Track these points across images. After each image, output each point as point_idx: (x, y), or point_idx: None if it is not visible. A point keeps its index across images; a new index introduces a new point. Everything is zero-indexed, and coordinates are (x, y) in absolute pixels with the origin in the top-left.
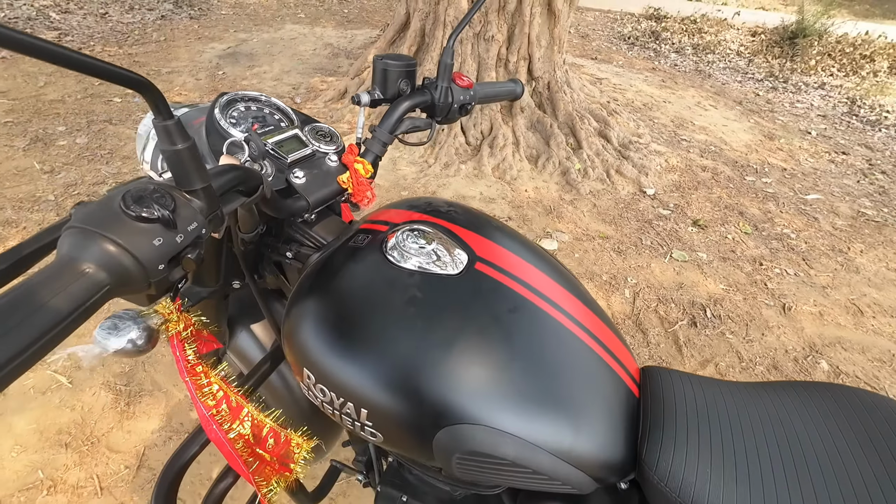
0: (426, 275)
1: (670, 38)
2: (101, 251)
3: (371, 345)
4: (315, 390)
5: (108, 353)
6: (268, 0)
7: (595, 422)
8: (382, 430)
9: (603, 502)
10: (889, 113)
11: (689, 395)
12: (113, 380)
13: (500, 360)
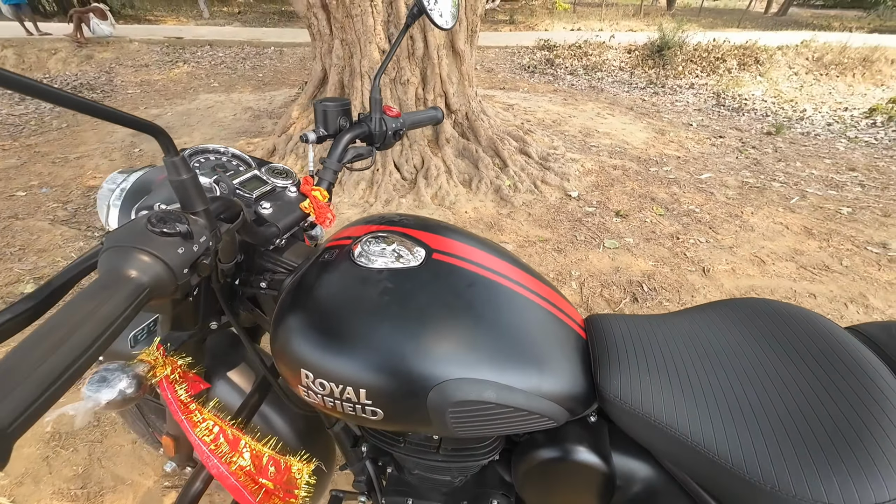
0: (393, 270)
1: (563, 63)
2: (138, 261)
3: (357, 334)
4: (315, 387)
5: (101, 405)
6: (177, 74)
7: (554, 361)
8: (381, 405)
9: (578, 434)
10: (746, 100)
11: (627, 330)
12: (64, 485)
13: (468, 325)
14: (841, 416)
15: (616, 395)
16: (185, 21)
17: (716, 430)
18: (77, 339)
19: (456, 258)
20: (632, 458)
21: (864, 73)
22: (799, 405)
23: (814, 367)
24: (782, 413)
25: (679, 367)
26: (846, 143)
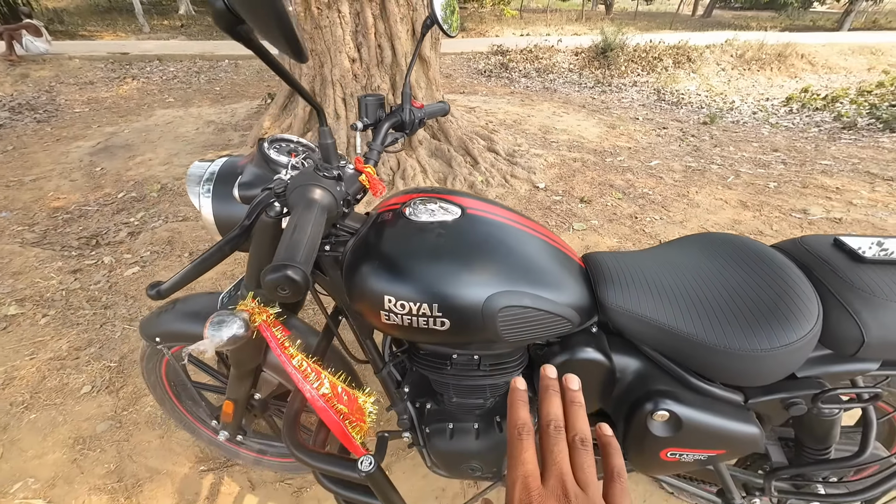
0: (440, 221)
1: (517, 67)
2: (321, 191)
3: (426, 265)
4: (396, 308)
5: (223, 340)
6: (126, 91)
7: (566, 281)
8: (448, 315)
9: (586, 340)
10: (683, 95)
11: (616, 260)
12: (100, 482)
13: (503, 254)
14: (765, 296)
15: (613, 302)
16: (125, 36)
17: (684, 317)
18: (310, 239)
19: (484, 212)
20: (625, 356)
21: (780, 67)
22: (740, 294)
23: (748, 269)
24: (728, 300)
25: (657, 279)
26: (769, 128)
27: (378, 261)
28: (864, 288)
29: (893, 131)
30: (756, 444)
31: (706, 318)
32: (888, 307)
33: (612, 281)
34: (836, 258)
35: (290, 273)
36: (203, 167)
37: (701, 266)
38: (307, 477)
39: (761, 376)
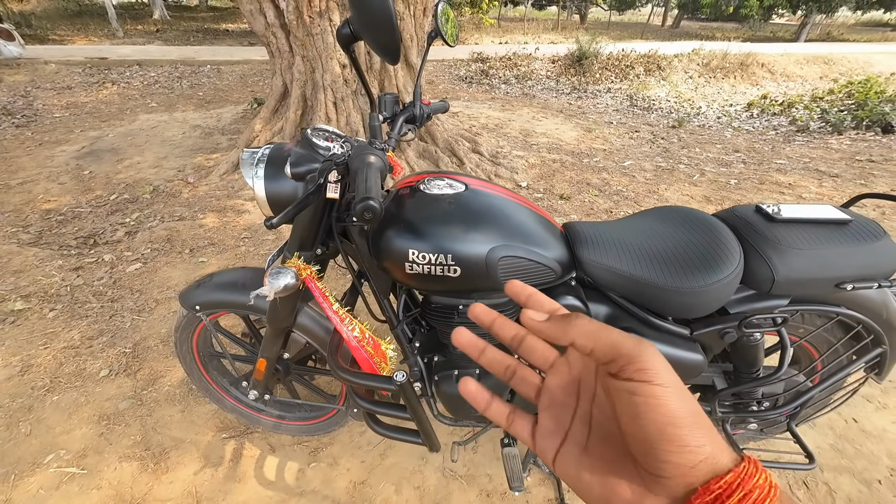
0: (450, 193)
1: (497, 74)
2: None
3: (440, 226)
4: (419, 259)
5: (280, 287)
6: (107, 95)
7: (551, 240)
8: (460, 264)
9: (566, 290)
10: (654, 101)
11: (591, 226)
12: (128, 451)
13: (502, 218)
14: (702, 248)
15: (587, 258)
16: (97, 40)
17: (643, 267)
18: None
19: (483, 188)
20: (598, 303)
21: (742, 75)
22: (684, 247)
23: (691, 230)
24: (675, 252)
25: (622, 239)
26: (732, 131)
27: (402, 224)
28: (774, 239)
29: (841, 133)
30: (701, 369)
31: (659, 266)
32: (791, 253)
33: (586, 242)
34: (755, 219)
35: (372, 203)
36: (253, 153)
37: (656, 229)
38: (322, 439)
39: (701, 308)
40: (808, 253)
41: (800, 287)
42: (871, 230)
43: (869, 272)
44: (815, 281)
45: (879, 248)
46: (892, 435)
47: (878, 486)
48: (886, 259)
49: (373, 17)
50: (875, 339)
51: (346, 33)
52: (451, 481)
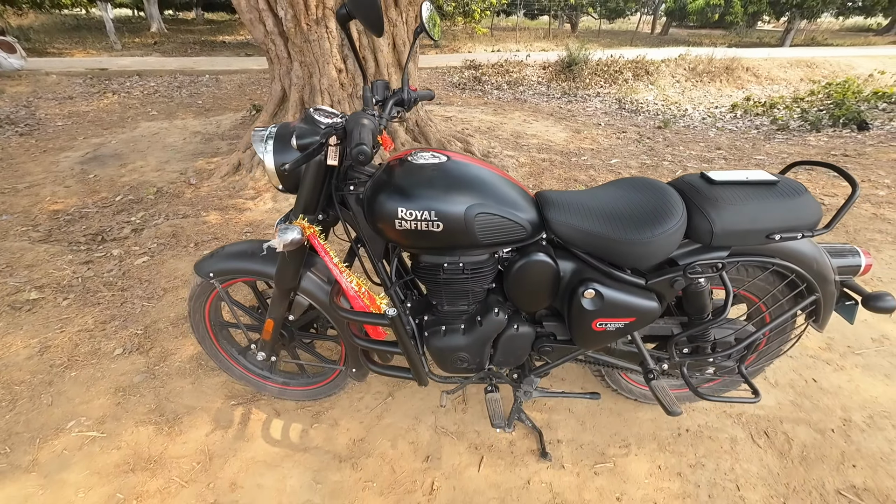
0: (434, 162)
1: (489, 80)
2: (369, 121)
3: (425, 188)
4: (407, 216)
5: (288, 241)
6: (107, 105)
7: (522, 203)
8: (442, 220)
9: (538, 248)
10: (642, 104)
11: (560, 193)
12: (144, 417)
13: (478, 181)
14: (651, 207)
15: (555, 218)
16: (95, 53)
17: (603, 224)
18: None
19: (463, 159)
20: (564, 260)
21: (728, 79)
22: (637, 207)
23: (644, 194)
24: (630, 211)
25: (586, 203)
26: (716, 131)
27: (392, 188)
28: (713, 198)
29: (819, 131)
30: (656, 314)
31: (615, 223)
32: (727, 208)
33: (554, 206)
34: (698, 183)
35: (364, 147)
36: (262, 132)
37: (615, 194)
38: (323, 403)
39: (652, 256)
40: (741, 208)
41: (736, 238)
42: (794, 188)
43: (793, 224)
44: (748, 232)
45: (801, 203)
46: (846, 392)
47: (831, 433)
48: (807, 213)
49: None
50: (809, 288)
51: (343, 13)
52: (443, 436)
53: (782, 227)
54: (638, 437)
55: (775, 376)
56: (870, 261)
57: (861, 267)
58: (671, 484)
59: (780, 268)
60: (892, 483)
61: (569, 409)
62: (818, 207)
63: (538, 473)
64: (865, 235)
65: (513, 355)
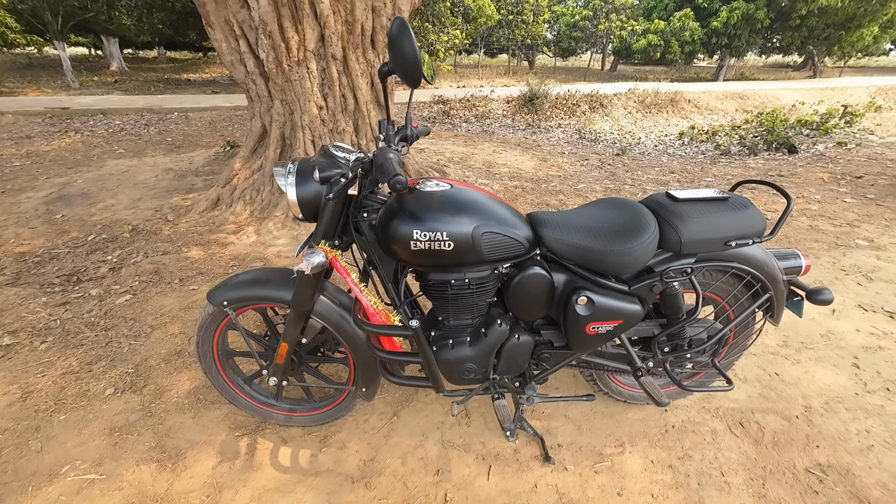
0: (441, 190)
1: (458, 114)
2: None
3: (436, 212)
4: (422, 237)
5: (314, 264)
6: (69, 144)
7: (519, 223)
8: (452, 240)
9: (533, 262)
10: (600, 134)
11: (549, 213)
12: (145, 455)
13: (481, 206)
14: (629, 223)
15: (548, 235)
16: (51, 91)
17: (589, 239)
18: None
19: (466, 186)
20: (558, 272)
21: (673, 110)
22: (617, 223)
23: (622, 211)
24: (612, 227)
25: (573, 221)
26: (668, 157)
27: (406, 214)
28: (678, 213)
29: (756, 155)
30: (639, 316)
31: (601, 237)
32: (691, 221)
33: (546, 224)
34: (665, 201)
35: (400, 177)
36: (283, 168)
37: (596, 213)
38: (330, 428)
39: (632, 265)
40: (702, 220)
41: (700, 246)
42: (743, 203)
43: (745, 233)
44: (709, 241)
45: (749, 215)
46: (804, 382)
47: (796, 419)
48: (755, 223)
49: (406, 58)
50: (763, 287)
51: (385, 70)
52: (450, 450)
53: (736, 235)
54: (630, 435)
55: (744, 373)
56: (809, 262)
57: (802, 267)
58: (664, 476)
59: (739, 270)
60: (850, 458)
61: (565, 416)
62: (763, 218)
63: (544, 477)
64: (805, 244)
65: (515, 363)
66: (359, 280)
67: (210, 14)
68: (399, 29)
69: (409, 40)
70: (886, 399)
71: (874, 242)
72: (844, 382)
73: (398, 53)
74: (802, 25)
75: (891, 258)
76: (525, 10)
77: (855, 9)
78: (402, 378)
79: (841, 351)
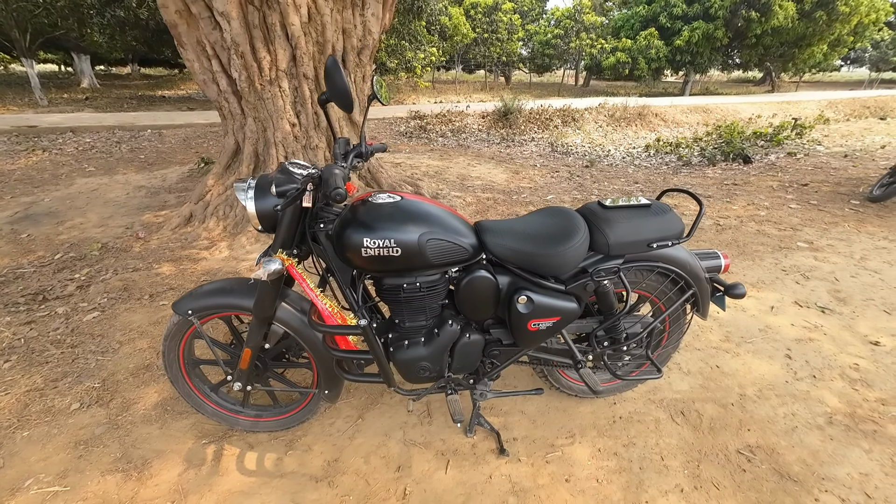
0: (390, 201)
1: (434, 129)
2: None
3: (385, 221)
4: (372, 245)
5: (271, 270)
6: (36, 162)
7: (464, 230)
8: (400, 246)
9: (480, 266)
10: (571, 146)
11: (494, 222)
12: (110, 466)
13: (427, 216)
14: (563, 228)
15: (491, 241)
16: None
17: (528, 243)
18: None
19: (414, 199)
20: (502, 274)
21: (642, 123)
22: (553, 228)
23: (558, 218)
24: (548, 231)
25: (515, 228)
26: (634, 168)
27: (358, 224)
28: (606, 218)
29: (714, 165)
30: (575, 313)
31: (537, 241)
32: (617, 226)
33: (490, 231)
34: (596, 208)
35: (340, 189)
36: (244, 183)
37: (536, 220)
38: (296, 432)
39: (566, 266)
40: (626, 224)
41: (626, 248)
42: (663, 208)
43: (665, 235)
44: (634, 243)
45: (669, 219)
46: (741, 373)
47: (731, 406)
48: (673, 226)
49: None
50: (687, 283)
51: (323, 99)
52: (412, 448)
53: (657, 237)
54: (581, 427)
55: (688, 366)
56: (728, 261)
57: (722, 266)
58: (609, 462)
59: (664, 269)
60: (776, 440)
61: (522, 412)
62: (681, 222)
63: (498, 468)
64: (751, 248)
65: (467, 361)
66: (317, 286)
67: (182, 35)
68: (332, 66)
69: (339, 76)
70: (812, 385)
71: (813, 244)
72: (777, 372)
73: (332, 86)
74: (758, 44)
75: (827, 258)
76: (500, 29)
77: (804, 29)
78: (357, 375)
79: (776, 343)
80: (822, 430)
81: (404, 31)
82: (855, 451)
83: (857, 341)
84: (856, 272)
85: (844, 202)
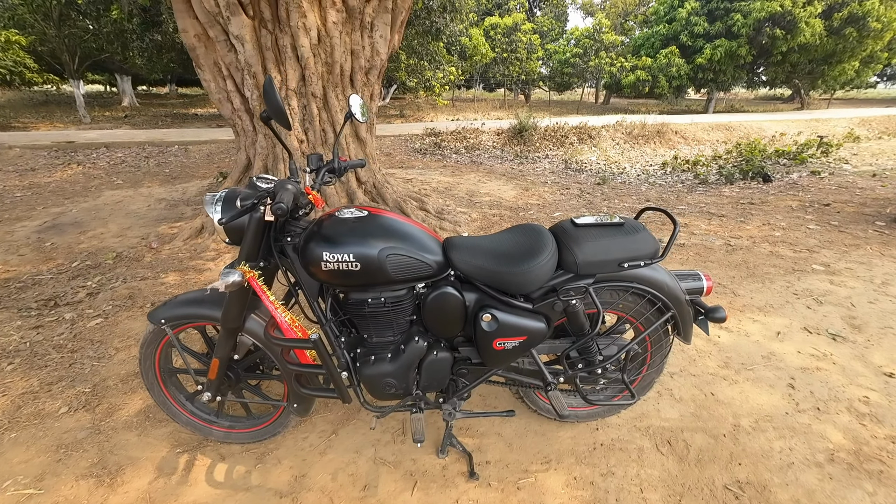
0: (356, 217)
1: (448, 145)
2: (292, 186)
3: (346, 236)
4: (331, 259)
5: (230, 282)
6: (70, 175)
7: (431, 246)
8: (360, 261)
9: (447, 283)
10: (585, 164)
11: (463, 238)
12: (85, 471)
13: (390, 230)
14: (531, 246)
15: (458, 258)
16: (62, 126)
17: (495, 261)
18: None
19: (383, 213)
20: (469, 292)
21: (660, 141)
22: (521, 246)
23: (528, 236)
24: (517, 249)
25: (484, 245)
26: (648, 185)
27: (320, 237)
28: (575, 236)
29: (732, 184)
30: (543, 333)
31: (502, 259)
32: (586, 244)
33: (458, 247)
34: (567, 227)
35: (282, 205)
36: (213, 196)
37: (505, 238)
38: (268, 445)
39: (532, 283)
40: (595, 243)
41: (595, 267)
42: (635, 227)
43: (637, 255)
44: (603, 262)
45: (641, 238)
46: (737, 402)
47: (723, 437)
48: (646, 246)
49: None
50: (665, 305)
51: (265, 116)
52: (381, 466)
53: (629, 257)
54: (559, 453)
55: (680, 392)
56: (710, 283)
57: (704, 288)
58: (584, 492)
59: (639, 290)
60: (769, 475)
61: (498, 434)
62: (655, 241)
63: (466, 493)
64: (762, 269)
65: (435, 379)
66: (279, 299)
67: (200, 57)
68: (268, 87)
69: (274, 95)
70: (815, 418)
71: (830, 267)
72: (777, 402)
73: (269, 104)
74: (785, 61)
75: (844, 283)
76: (519, 49)
77: (833, 46)
78: (312, 389)
79: (779, 372)
80: (821, 467)
81: (423, 51)
82: (857, 492)
83: (869, 372)
84: (875, 298)
85: (868, 223)
